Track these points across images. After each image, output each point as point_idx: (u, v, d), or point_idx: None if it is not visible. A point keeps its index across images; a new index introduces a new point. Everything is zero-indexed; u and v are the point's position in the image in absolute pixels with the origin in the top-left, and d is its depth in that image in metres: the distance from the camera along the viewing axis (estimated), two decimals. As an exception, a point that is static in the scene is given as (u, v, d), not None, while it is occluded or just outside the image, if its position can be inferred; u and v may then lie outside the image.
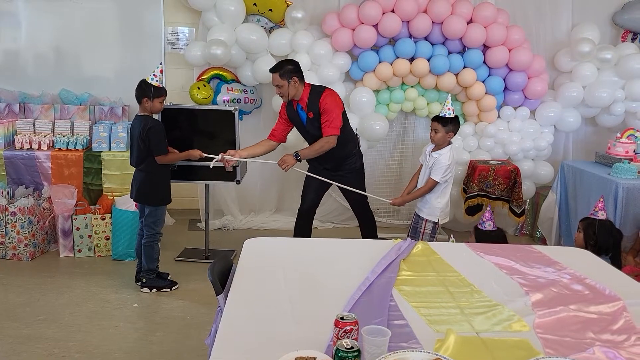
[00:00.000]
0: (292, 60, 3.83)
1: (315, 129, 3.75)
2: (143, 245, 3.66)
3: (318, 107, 3.68)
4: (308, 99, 3.71)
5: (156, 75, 3.49)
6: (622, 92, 4.98)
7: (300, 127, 3.88)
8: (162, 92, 3.54)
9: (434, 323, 1.77)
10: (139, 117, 3.55)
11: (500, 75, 4.84)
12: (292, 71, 3.66)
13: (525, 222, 5.21)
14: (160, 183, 3.61)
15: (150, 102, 3.49)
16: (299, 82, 3.70)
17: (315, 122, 3.73)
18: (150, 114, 3.56)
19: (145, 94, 3.48)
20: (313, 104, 3.70)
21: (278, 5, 4.68)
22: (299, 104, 3.76)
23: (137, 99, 3.53)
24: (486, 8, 4.70)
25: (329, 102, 3.68)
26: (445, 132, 3.59)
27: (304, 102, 3.73)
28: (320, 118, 3.69)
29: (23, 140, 4.38)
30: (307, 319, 1.77)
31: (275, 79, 3.66)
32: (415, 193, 3.75)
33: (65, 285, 3.72)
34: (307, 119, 3.76)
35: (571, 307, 1.91)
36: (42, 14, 4.79)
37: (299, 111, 3.80)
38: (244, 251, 2.37)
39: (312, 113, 3.71)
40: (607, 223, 3.33)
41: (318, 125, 3.73)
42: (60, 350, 2.92)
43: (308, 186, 4.05)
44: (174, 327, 3.24)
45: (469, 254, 2.49)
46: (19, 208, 4.02)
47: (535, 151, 4.99)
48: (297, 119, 3.83)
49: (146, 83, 3.49)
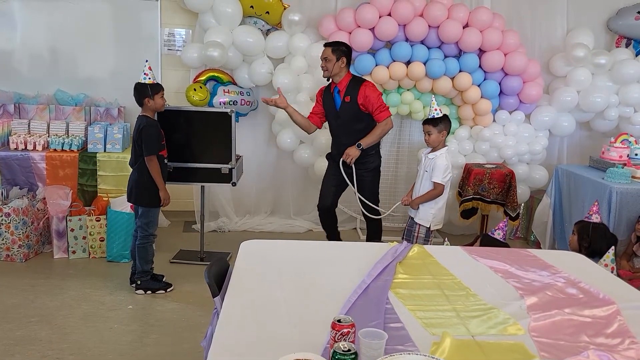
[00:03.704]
0: (347, 44, 4.00)
1: (348, 114, 3.89)
2: (137, 247, 3.65)
3: (357, 93, 3.84)
4: (347, 84, 3.88)
5: (147, 74, 3.52)
6: (616, 97, 5.02)
7: (331, 111, 3.98)
8: (160, 87, 3.59)
9: (430, 326, 1.78)
10: (138, 117, 3.57)
11: (495, 79, 4.86)
12: (344, 52, 3.86)
13: (519, 226, 5.23)
14: (153, 184, 3.59)
15: (152, 100, 3.51)
16: (345, 64, 3.87)
17: (350, 107, 3.87)
18: (154, 112, 3.59)
19: (145, 95, 3.50)
20: (352, 89, 3.86)
21: (275, 7, 4.69)
22: (337, 87, 3.91)
23: (139, 102, 3.54)
24: (482, 12, 4.72)
25: (373, 90, 3.88)
26: (438, 131, 3.61)
27: (342, 86, 3.89)
28: (357, 104, 3.84)
29: (18, 140, 4.36)
30: (304, 322, 1.77)
31: (326, 52, 3.84)
32: (424, 196, 3.69)
33: (59, 287, 3.70)
34: (342, 102, 3.90)
35: (566, 311, 1.92)
36: (38, 14, 4.77)
37: (335, 94, 3.93)
38: (240, 253, 2.37)
39: (349, 97, 3.86)
40: (601, 226, 3.37)
41: (352, 111, 3.86)
42: (53, 352, 2.91)
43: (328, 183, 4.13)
44: (169, 329, 3.23)
45: (464, 258, 2.50)
46: (13, 209, 4.00)
47: (530, 155, 5.02)
48: (330, 102, 3.95)
49: (141, 84, 3.51)
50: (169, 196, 3.63)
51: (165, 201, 3.62)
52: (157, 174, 3.55)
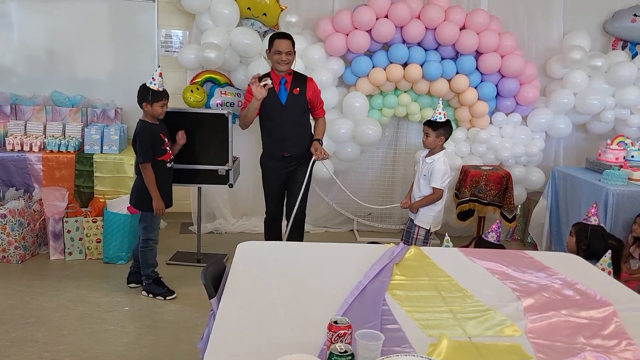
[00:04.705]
0: None
1: (295, 107, 3.81)
2: (139, 250, 3.66)
3: (306, 87, 3.82)
4: (292, 77, 3.84)
5: (155, 79, 3.46)
6: (612, 99, 5.04)
7: (275, 106, 3.78)
8: (162, 96, 3.50)
9: (427, 327, 1.78)
10: (138, 121, 3.55)
11: (492, 81, 4.87)
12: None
13: (516, 228, 5.25)
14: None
15: (150, 106, 3.47)
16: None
17: (298, 100, 3.81)
18: (152, 118, 3.53)
19: (144, 99, 3.47)
20: (299, 82, 3.83)
21: (272, 9, 4.69)
22: (284, 79, 3.80)
23: (139, 104, 3.52)
24: (479, 15, 4.73)
25: (316, 87, 3.92)
26: (436, 136, 3.61)
27: (288, 78, 3.81)
28: (305, 96, 3.82)
29: (14, 141, 4.35)
30: (300, 323, 1.77)
31: (290, 46, 3.74)
32: (422, 201, 3.69)
33: (56, 288, 3.69)
34: (290, 95, 3.79)
35: (562, 312, 1.92)
36: (35, 15, 4.76)
37: (281, 86, 3.80)
38: (236, 255, 2.37)
39: (297, 90, 3.80)
40: (600, 229, 3.37)
41: (300, 104, 3.81)
42: (50, 353, 2.90)
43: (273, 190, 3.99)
44: (166, 330, 3.23)
45: (461, 259, 2.50)
46: (9, 210, 3.99)
47: (527, 157, 5.03)
48: (272, 96, 3.75)
49: (145, 87, 3.48)
50: (162, 207, 3.54)
51: (158, 212, 3.54)
52: (151, 183, 3.49)
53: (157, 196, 3.52)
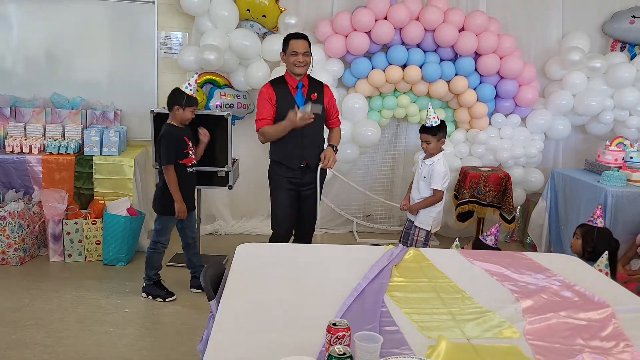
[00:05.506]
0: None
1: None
2: (146, 250, 3.66)
3: (323, 92, 3.60)
4: (309, 81, 3.60)
5: (190, 85, 3.49)
6: (611, 100, 5.05)
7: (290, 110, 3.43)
8: (194, 102, 3.53)
9: (426, 329, 1.78)
10: (164, 124, 3.54)
11: (491, 82, 4.88)
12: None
13: (515, 229, 5.25)
14: (168, 192, 3.51)
15: (182, 110, 3.47)
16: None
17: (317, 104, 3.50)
18: (180, 122, 3.52)
19: (177, 102, 3.47)
20: (316, 87, 3.59)
21: (271, 11, 4.70)
22: (301, 82, 3.54)
23: (168, 106, 3.51)
24: (478, 16, 4.74)
25: (332, 94, 3.70)
26: (437, 140, 3.62)
27: (305, 82, 3.57)
28: (322, 102, 3.56)
29: (14, 143, 4.35)
30: (299, 325, 1.77)
31: (307, 46, 3.48)
32: (423, 202, 3.69)
33: (55, 290, 3.69)
34: (307, 100, 3.50)
35: (561, 314, 1.93)
36: (34, 17, 4.76)
37: (298, 90, 3.54)
38: (236, 256, 2.37)
39: (315, 95, 3.54)
40: (606, 231, 3.36)
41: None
42: (49, 355, 2.90)
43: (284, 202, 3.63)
44: (165, 332, 3.23)
45: (460, 261, 2.51)
46: (9, 212, 3.99)
47: (526, 158, 5.04)
48: (290, 100, 3.49)
49: (180, 91, 3.49)
50: (184, 209, 3.52)
51: (180, 214, 3.52)
52: (173, 184, 3.47)
53: (179, 198, 3.50)
